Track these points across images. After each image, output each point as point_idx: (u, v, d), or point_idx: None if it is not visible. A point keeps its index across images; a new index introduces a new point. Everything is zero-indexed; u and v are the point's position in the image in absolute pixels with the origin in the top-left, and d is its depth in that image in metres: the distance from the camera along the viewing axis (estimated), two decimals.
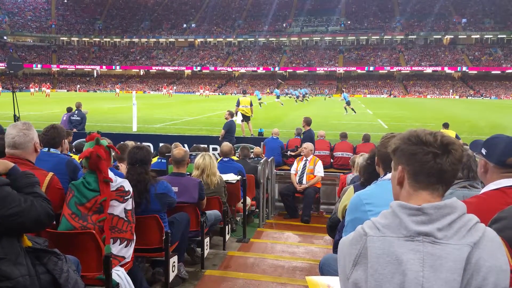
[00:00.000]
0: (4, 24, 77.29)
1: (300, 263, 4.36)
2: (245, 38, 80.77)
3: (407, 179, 1.21)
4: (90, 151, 2.69)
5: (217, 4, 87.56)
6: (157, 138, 9.88)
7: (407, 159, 1.20)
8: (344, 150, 8.79)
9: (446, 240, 1.09)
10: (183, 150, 4.19)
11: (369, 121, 22.46)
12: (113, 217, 2.70)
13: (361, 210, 2.02)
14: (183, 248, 3.94)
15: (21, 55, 73.98)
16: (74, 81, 75.81)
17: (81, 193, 2.67)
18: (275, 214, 7.25)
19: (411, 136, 1.21)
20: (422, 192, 1.19)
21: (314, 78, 74.61)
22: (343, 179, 5.28)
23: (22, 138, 2.52)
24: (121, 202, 2.74)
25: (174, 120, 21.28)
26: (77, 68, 79.74)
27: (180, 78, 78.83)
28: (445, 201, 1.15)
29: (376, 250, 1.13)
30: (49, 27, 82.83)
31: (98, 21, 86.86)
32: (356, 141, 10.13)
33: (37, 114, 22.42)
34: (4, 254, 1.76)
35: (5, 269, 1.74)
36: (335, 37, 78.46)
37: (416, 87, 68.84)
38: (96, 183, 2.69)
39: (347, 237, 1.23)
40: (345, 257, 1.21)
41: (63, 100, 37.40)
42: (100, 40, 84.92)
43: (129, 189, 2.84)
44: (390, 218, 1.16)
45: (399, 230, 1.13)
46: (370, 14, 79.31)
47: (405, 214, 1.14)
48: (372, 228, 1.17)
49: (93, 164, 2.70)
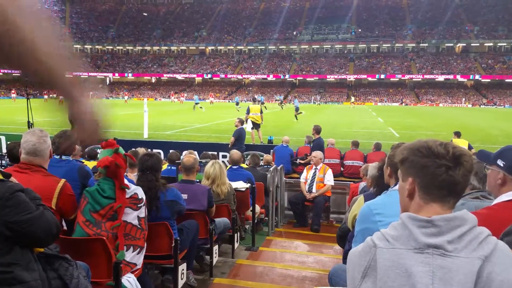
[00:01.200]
0: None
1: (310, 273, 4.33)
2: (255, 46, 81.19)
3: (418, 191, 1.20)
4: (109, 160, 2.72)
5: (228, 13, 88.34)
6: (168, 145, 9.92)
7: (418, 171, 1.19)
8: (354, 158, 8.73)
9: (456, 253, 1.08)
10: (192, 158, 4.20)
11: (380, 130, 22.32)
12: (126, 224, 2.72)
13: (371, 221, 2.00)
14: (192, 256, 3.94)
15: None
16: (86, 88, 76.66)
17: (95, 200, 2.69)
18: (285, 222, 7.22)
19: (421, 147, 1.19)
20: (433, 204, 1.18)
21: (324, 85, 74.55)
22: (354, 188, 5.23)
23: (42, 145, 2.56)
24: (134, 210, 2.77)
25: (184, 127, 21.40)
26: (90, 76, 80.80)
27: (191, 86, 79.39)
28: (456, 213, 1.14)
29: (385, 262, 1.12)
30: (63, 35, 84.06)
31: (111, 29, 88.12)
32: (366, 149, 10.07)
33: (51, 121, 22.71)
34: (16, 260, 1.78)
35: (17, 273, 1.77)
36: (346, 44, 78.42)
37: (428, 95, 68.32)
38: (111, 190, 2.71)
39: (356, 249, 1.23)
40: (354, 268, 1.20)
41: None
42: (113, 48, 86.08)
43: (142, 197, 2.87)
44: (400, 230, 1.15)
45: (409, 242, 1.12)
46: (381, 22, 79.20)
47: (415, 226, 1.13)
48: (382, 240, 1.16)
49: (112, 172, 2.73)
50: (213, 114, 31.63)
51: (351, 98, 64.41)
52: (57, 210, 2.58)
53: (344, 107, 54.25)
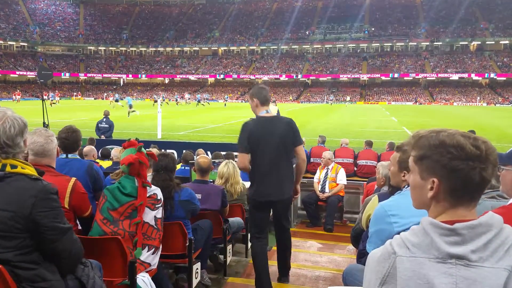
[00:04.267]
0: (35, 34, 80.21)
1: (323, 273, 4.31)
2: (267, 46, 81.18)
3: (443, 194, 1.11)
4: (133, 157, 2.75)
5: (240, 13, 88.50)
6: (181, 145, 9.98)
7: (447, 173, 1.09)
8: (368, 158, 8.67)
9: (481, 263, 1.01)
10: (208, 159, 4.23)
11: (394, 129, 22.13)
12: (143, 223, 2.74)
13: (386, 222, 1.97)
14: (206, 255, 3.96)
15: (50, 64, 76.46)
16: (101, 89, 77.68)
17: (114, 198, 2.72)
18: (298, 222, 7.21)
19: (451, 146, 1.08)
20: (459, 208, 1.10)
21: (337, 85, 74.17)
22: (369, 188, 5.19)
23: (50, 145, 2.57)
24: (152, 210, 2.79)
25: (197, 128, 21.51)
26: (104, 77, 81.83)
27: (204, 86, 79.75)
28: (480, 219, 1.06)
29: (405, 271, 1.06)
30: (77, 37, 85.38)
31: (124, 31, 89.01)
32: (380, 149, 9.99)
33: (66, 121, 23.07)
34: (40, 260, 1.83)
35: (41, 271, 1.82)
36: (359, 44, 77.89)
37: (442, 94, 67.47)
38: (132, 188, 2.74)
39: (375, 253, 1.16)
40: (372, 273, 1.14)
41: (89, 108, 38.36)
42: (126, 50, 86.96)
43: (160, 197, 2.89)
44: (421, 237, 1.08)
45: (430, 250, 1.05)
46: (394, 20, 78.46)
47: (437, 233, 1.06)
48: (402, 247, 1.09)
49: (135, 170, 2.76)
50: (226, 114, 31.75)
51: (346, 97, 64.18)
52: (70, 208, 2.60)
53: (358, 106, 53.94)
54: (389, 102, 65.38)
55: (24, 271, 1.77)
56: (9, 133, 1.78)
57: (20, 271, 1.76)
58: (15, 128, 1.80)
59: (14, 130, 1.80)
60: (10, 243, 1.75)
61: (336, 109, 44.27)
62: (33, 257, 1.80)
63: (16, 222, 1.74)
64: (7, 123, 1.79)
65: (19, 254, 1.76)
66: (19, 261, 1.76)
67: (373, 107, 53.17)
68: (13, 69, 72.28)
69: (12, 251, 1.75)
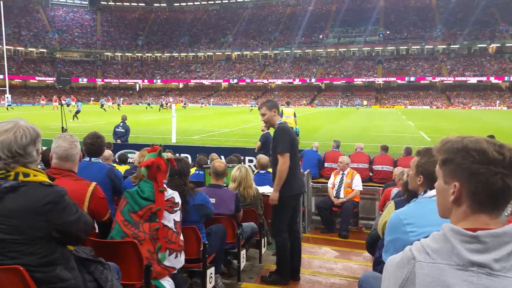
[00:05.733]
0: (54, 41, 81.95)
1: (338, 280, 4.26)
2: (281, 50, 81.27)
3: (465, 198, 1.09)
4: (152, 160, 2.81)
5: (254, 18, 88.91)
6: (195, 150, 10.03)
7: (468, 177, 1.07)
8: (384, 163, 8.55)
9: (504, 273, 0.98)
10: (224, 163, 4.25)
11: (410, 133, 21.85)
12: (163, 226, 2.77)
13: (402, 231, 1.92)
14: (220, 260, 3.96)
15: (68, 69, 77.97)
16: (117, 94, 78.78)
17: (134, 201, 2.76)
18: (312, 228, 7.14)
19: (473, 150, 1.06)
20: (481, 215, 1.07)
21: (352, 89, 73.73)
22: (386, 193, 5.11)
23: (73, 150, 2.63)
24: (170, 213, 2.83)
25: (211, 132, 21.60)
26: (120, 82, 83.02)
27: (218, 91, 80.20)
28: (505, 228, 1.03)
29: (425, 277, 1.03)
30: (94, 43, 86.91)
31: (140, 37, 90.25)
32: (396, 154, 9.86)
33: (83, 126, 23.42)
34: (58, 260, 1.86)
35: (58, 272, 1.84)
36: (374, 47, 77.34)
37: (459, 98, 66.42)
38: (150, 192, 2.78)
39: (394, 258, 1.15)
40: (390, 279, 1.12)
41: (105, 112, 38.89)
42: (142, 55, 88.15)
43: (178, 201, 2.93)
44: (441, 243, 1.06)
45: (451, 257, 1.03)
46: (410, 23, 77.71)
47: (458, 240, 1.03)
48: (421, 252, 1.07)
49: (152, 173, 2.81)
50: (240, 118, 31.83)
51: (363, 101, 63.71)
52: (89, 213, 2.64)
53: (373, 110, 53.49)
54: (406, 106, 64.65)
55: (42, 274, 1.80)
56: (20, 143, 1.80)
57: (38, 274, 1.79)
58: (26, 137, 1.82)
59: (25, 139, 1.82)
60: (30, 249, 1.78)
61: (351, 113, 43.97)
62: (51, 258, 1.83)
63: (36, 230, 1.77)
64: (19, 133, 1.81)
65: (39, 258, 1.79)
66: (39, 264, 1.79)
67: (389, 111, 52.65)
68: (33, 74, 73.87)
69: (32, 256, 1.78)
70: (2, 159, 1.79)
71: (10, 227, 1.74)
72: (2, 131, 1.80)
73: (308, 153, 8.97)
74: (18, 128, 1.82)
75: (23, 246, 1.76)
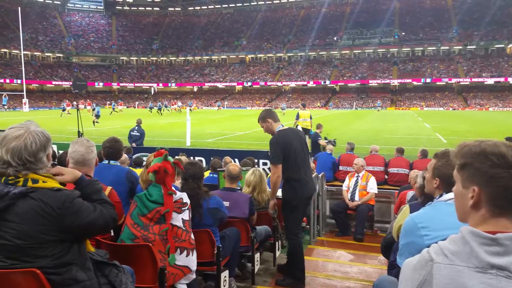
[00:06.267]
0: (70, 45, 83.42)
1: (353, 284, 4.23)
2: (295, 53, 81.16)
3: (484, 203, 1.08)
4: (158, 165, 2.85)
5: (267, 21, 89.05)
6: (209, 153, 10.08)
7: (487, 181, 1.06)
8: (399, 166, 8.44)
9: None
10: (238, 167, 4.26)
11: (426, 135, 21.57)
12: (172, 227, 2.81)
13: (417, 235, 1.91)
14: (234, 263, 3.97)
15: (84, 74, 79.23)
16: (133, 98, 79.70)
17: (143, 204, 2.81)
18: (326, 231, 7.10)
19: (492, 154, 1.05)
20: (500, 219, 1.06)
21: (366, 91, 73.17)
22: (402, 196, 5.06)
23: (90, 155, 2.67)
24: (178, 213, 2.86)
25: (225, 135, 21.67)
26: (136, 86, 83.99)
27: (231, 94, 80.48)
28: None
29: (443, 279, 1.02)
30: (110, 47, 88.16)
31: (155, 41, 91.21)
32: (412, 156, 9.74)
33: (99, 130, 23.74)
34: (73, 260, 1.87)
35: (74, 273, 1.85)
36: (389, 48, 76.61)
37: (476, 99, 65.31)
38: (158, 195, 2.82)
39: (411, 261, 1.14)
40: (407, 281, 1.11)
41: (121, 116, 39.35)
42: (157, 59, 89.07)
43: (187, 201, 2.97)
44: (460, 245, 1.05)
45: (470, 259, 1.02)
46: (425, 24, 76.81)
47: (477, 242, 1.02)
48: (439, 254, 1.07)
49: (160, 178, 2.85)
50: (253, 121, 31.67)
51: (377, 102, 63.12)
52: None
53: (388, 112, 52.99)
54: (422, 107, 63.87)
55: (58, 276, 1.82)
56: (30, 149, 1.81)
57: (54, 277, 1.81)
58: (36, 144, 1.83)
59: (35, 146, 1.82)
60: (44, 252, 1.80)
61: (366, 116, 43.63)
62: (66, 259, 1.85)
63: (48, 235, 1.79)
64: (28, 140, 1.81)
65: (53, 260, 1.81)
66: (53, 266, 1.81)
67: (405, 113, 52.06)
68: (50, 79, 75.24)
69: (46, 258, 1.80)
70: (13, 166, 1.79)
71: (21, 232, 1.76)
72: (13, 137, 1.81)
73: (322, 156, 8.93)
74: (29, 134, 1.83)
75: (36, 250, 1.78)
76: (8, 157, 1.79)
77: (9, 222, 1.77)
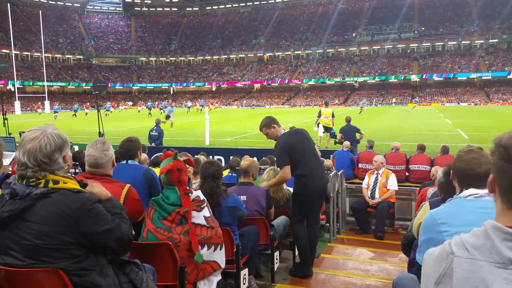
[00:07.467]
0: (91, 47, 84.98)
1: (374, 281, 4.19)
2: (313, 50, 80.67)
3: (498, 192, 1.08)
4: (170, 165, 2.86)
5: (285, 18, 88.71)
6: (228, 152, 10.13)
7: (498, 172, 1.07)
8: (420, 163, 8.31)
9: None
10: (248, 161, 4.33)
11: (448, 131, 21.17)
12: (195, 226, 2.83)
13: (436, 231, 1.89)
14: (254, 261, 3.98)
15: (104, 75, 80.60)
16: (152, 98, 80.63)
17: (162, 208, 2.82)
18: (347, 229, 7.06)
19: (500, 146, 1.05)
20: None
21: (386, 87, 72.19)
22: (423, 193, 5.00)
23: (104, 159, 2.71)
24: (199, 211, 2.88)
25: (244, 134, 21.72)
26: (155, 86, 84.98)
27: (250, 92, 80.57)
28: None
29: (462, 273, 1.02)
30: (129, 48, 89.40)
31: (173, 41, 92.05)
32: (433, 153, 9.58)
33: (119, 130, 24.14)
34: (92, 266, 1.91)
35: (93, 277, 1.89)
36: (409, 44, 75.33)
37: (499, 94, 63.60)
38: (175, 197, 2.83)
39: (433, 251, 1.14)
40: (429, 273, 1.12)
41: (140, 116, 39.88)
42: (175, 59, 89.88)
43: (203, 198, 2.98)
44: (482, 239, 1.03)
45: (491, 254, 1.00)
46: (446, 19, 75.23)
47: (499, 237, 1.00)
48: (460, 248, 1.06)
49: (175, 177, 2.86)
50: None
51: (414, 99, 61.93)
52: None
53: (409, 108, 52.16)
54: (443, 103, 62.63)
55: (78, 278, 1.85)
56: (45, 151, 1.84)
57: (74, 278, 1.85)
58: (51, 145, 1.86)
59: (50, 147, 1.85)
60: (63, 254, 1.84)
61: (387, 112, 43.05)
62: (86, 263, 1.88)
63: (66, 236, 1.82)
64: (43, 141, 1.85)
65: (73, 262, 1.85)
66: (74, 269, 1.85)
67: (426, 109, 51.18)
68: (70, 80, 76.79)
69: (66, 260, 1.84)
70: (30, 167, 1.83)
71: (41, 232, 1.79)
72: (28, 139, 1.86)
73: (339, 154, 8.87)
74: (44, 136, 1.86)
75: (55, 251, 1.82)
76: (25, 158, 1.83)
77: (30, 223, 1.81)
